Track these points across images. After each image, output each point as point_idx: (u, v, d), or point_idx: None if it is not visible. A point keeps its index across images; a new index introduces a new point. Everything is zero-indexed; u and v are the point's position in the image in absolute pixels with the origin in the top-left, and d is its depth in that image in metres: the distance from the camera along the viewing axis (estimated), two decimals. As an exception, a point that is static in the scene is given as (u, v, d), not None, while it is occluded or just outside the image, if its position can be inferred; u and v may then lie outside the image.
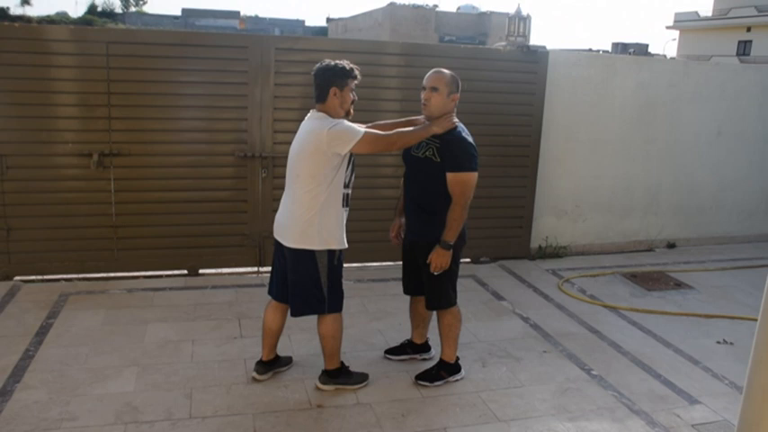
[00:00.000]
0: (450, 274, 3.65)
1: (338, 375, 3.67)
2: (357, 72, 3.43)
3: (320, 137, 3.26)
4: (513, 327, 4.73)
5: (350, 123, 3.37)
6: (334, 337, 3.59)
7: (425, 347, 4.13)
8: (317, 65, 3.43)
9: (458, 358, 3.88)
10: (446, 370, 3.83)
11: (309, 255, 3.39)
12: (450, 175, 3.47)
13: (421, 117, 3.70)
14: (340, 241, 3.46)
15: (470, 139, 3.54)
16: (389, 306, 4.90)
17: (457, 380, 3.84)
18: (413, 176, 3.71)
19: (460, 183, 3.46)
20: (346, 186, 3.44)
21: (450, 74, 3.57)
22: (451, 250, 3.51)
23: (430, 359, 4.06)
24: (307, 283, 3.44)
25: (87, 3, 66.55)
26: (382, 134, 3.43)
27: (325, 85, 3.36)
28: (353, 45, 6.20)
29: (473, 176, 3.50)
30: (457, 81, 3.58)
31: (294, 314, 3.58)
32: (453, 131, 3.52)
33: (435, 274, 3.56)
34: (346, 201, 3.47)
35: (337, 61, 3.41)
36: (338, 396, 3.61)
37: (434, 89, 3.51)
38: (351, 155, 3.41)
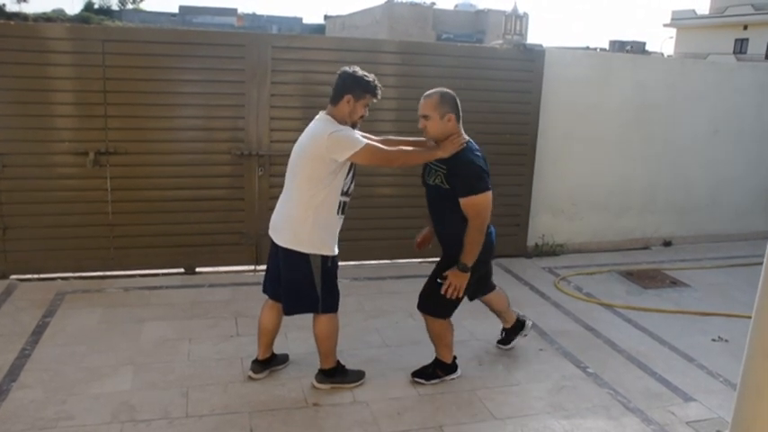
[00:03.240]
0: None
1: (334, 374, 3.67)
2: (379, 92, 3.39)
3: (321, 140, 3.24)
4: (509, 325, 4.73)
5: (353, 132, 3.33)
6: (329, 338, 3.58)
7: (520, 325, 4.24)
8: (346, 67, 3.39)
9: (455, 358, 3.88)
10: (442, 369, 3.83)
11: (302, 256, 3.37)
12: (462, 201, 3.40)
13: (413, 140, 3.67)
14: (330, 248, 3.42)
15: (478, 158, 3.45)
16: (386, 304, 4.90)
17: (453, 378, 3.85)
18: (431, 203, 3.67)
19: (474, 205, 3.39)
20: (344, 194, 3.40)
21: (439, 94, 3.45)
22: (468, 273, 3.46)
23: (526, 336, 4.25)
24: (300, 283, 3.43)
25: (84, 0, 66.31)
26: (384, 149, 3.39)
27: (343, 89, 3.32)
28: (350, 43, 6.20)
29: (486, 197, 3.41)
30: (449, 99, 3.45)
31: (287, 313, 3.57)
32: (459, 154, 3.43)
33: (433, 274, 3.52)
34: (342, 209, 3.42)
35: (366, 74, 3.37)
36: (335, 394, 3.62)
37: (426, 117, 3.44)
38: (352, 163, 3.38)
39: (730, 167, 7.24)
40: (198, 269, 5.51)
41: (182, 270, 5.47)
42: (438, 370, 3.83)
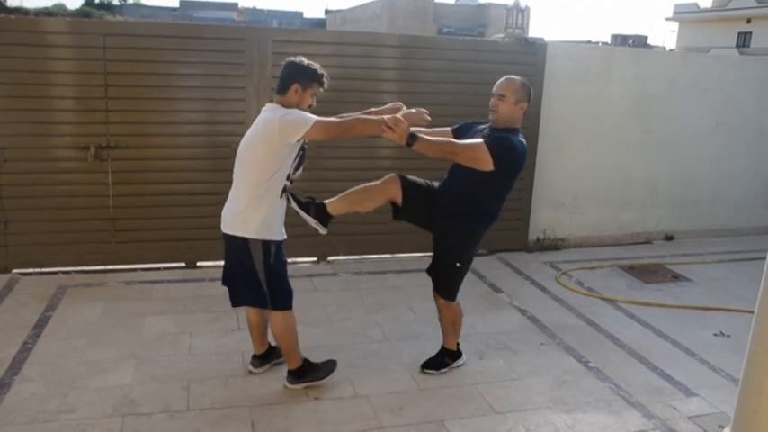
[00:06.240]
0: (464, 270, 3.72)
1: (303, 373, 3.59)
2: (326, 80, 3.38)
3: (272, 125, 3.22)
4: (510, 319, 4.74)
5: (302, 112, 3.30)
6: (286, 336, 3.51)
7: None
8: (291, 57, 3.40)
9: (458, 344, 3.95)
10: (450, 356, 3.92)
11: (243, 242, 3.31)
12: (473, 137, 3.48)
13: (388, 106, 3.62)
14: (277, 232, 3.38)
15: (521, 146, 3.48)
16: (387, 299, 4.90)
17: (460, 365, 3.93)
18: (458, 170, 3.58)
19: (475, 144, 3.41)
20: (289, 179, 3.37)
21: (521, 81, 3.57)
22: (409, 145, 3.31)
23: None
24: (242, 271, 3.38)
25: (84, -6, 66.09)
26: (336, 120, 3.33)
27: (290, 79, 3.32)
28: (351, 37, 6.18)
29: (483, 152, 3.36)
30: (528, 89, 3.57)
31: (233, 303, 3.55)
32: (513, 133, 3.51)
33: (450, 258, 3.63)
34: (283, 193, 3.37)
35: (311, 62, 3.37)
36: (336, 388, 3.61)
37: (501, 96, 3.53)
38: (303, 149, 3.37)
39: (732, 161, 7.23)
40: (199, 263, 5.51)
41: (183, 264, 5.47)
42: (446, 358, 3.90)
